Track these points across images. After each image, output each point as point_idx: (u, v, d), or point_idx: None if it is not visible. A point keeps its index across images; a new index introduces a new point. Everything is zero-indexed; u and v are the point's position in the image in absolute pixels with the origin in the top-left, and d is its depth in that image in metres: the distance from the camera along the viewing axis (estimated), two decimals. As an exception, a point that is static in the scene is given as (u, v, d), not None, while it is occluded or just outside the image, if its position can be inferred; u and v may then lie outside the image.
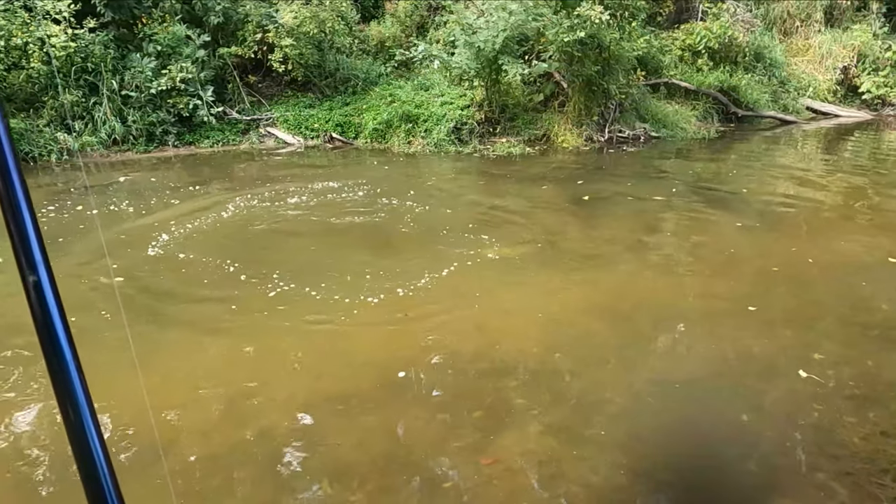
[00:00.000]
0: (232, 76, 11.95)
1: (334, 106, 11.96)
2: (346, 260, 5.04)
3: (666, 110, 11.59)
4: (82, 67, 10.43)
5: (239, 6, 11.77)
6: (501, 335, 3.70)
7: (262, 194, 7.36)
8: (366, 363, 3.40)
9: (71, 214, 6.61)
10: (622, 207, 6.60)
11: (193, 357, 3.52)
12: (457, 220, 6.29)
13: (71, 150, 10.15)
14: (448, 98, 10.90)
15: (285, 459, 2.60)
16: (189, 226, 6.04)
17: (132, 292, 4.40)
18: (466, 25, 9.90)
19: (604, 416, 2.87)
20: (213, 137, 11.29)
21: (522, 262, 4.94)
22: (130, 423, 2.82)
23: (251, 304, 4.11)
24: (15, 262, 0.65)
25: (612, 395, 3.04)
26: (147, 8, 11.09)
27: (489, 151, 9.92)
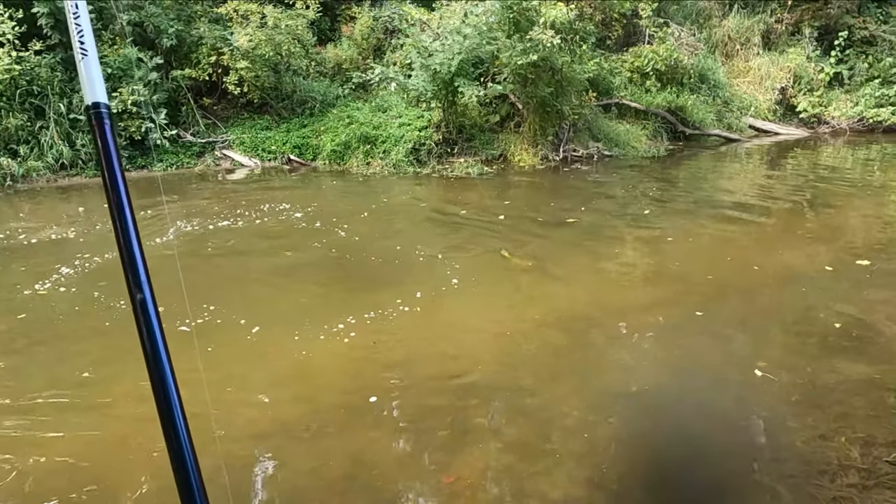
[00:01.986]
0: (186, 99, 11.77)
1: (292, 128, 11.92)
2: (298, 289, 5.01)
3: (618, 129, 11.98)
4: (27, 90, 10.13)
5: (193, 28, 11.68)
6: (461, 353, 3.74)
7: (212, 217, 7.26)
8: (326, 387, 3.38)
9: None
10: (577, 224, 6.77)
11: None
12: (415, 239, 6.34)
13: (15, 175, 9.80)
14: (406, 119, 11.01)
15: (242, 486, 2.56)
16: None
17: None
18: (422, 48, 10.06)
19: (561, 430, 2.93)
20: (166, 160, 11.10)
21: (480, 280, 5.01)
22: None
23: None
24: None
25: (569, 409, 3.11)
26: (97, 30, 10.86)
27: (447, 171, 10.04)
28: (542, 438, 2.87)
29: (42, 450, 2.84)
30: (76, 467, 2.74)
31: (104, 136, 0.96)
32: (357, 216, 7.25)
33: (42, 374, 3.58)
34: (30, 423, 3.07)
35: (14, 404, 3.25)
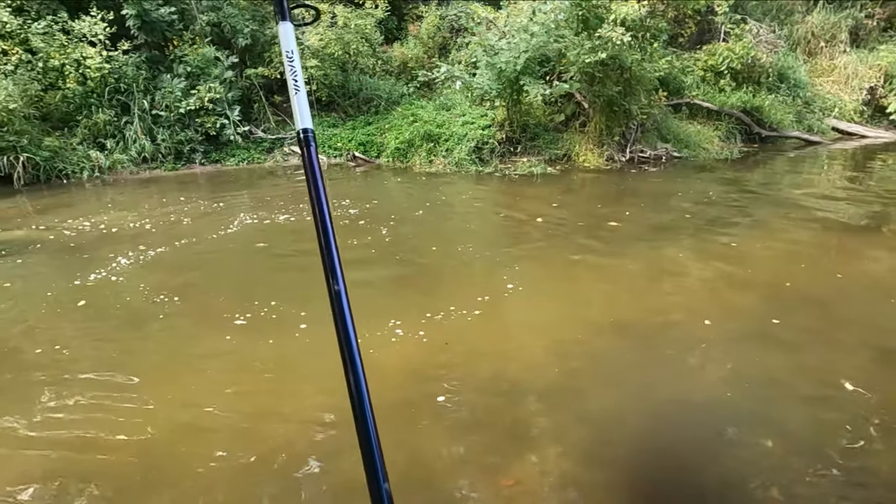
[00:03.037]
0: (258, 96, 12.23)
1: (357, 125, 12.15)
2: (354, 287, 5.09)
3: (688, 130, 11.55)
4: (115, 88, 10.78)
5: (266, 28, 12.10)
6: (521, 356, 3.70)
7: (275, 211, 7.49)
8: (383, 385, 3.42)
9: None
10: (643, 225, 6.57)
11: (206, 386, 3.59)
12: (475, 239, 6.33)
13: (102, 167, 10.45)
14: (469, 118, 11.01)
15: (301, 478, 2.63)
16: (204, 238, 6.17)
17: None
18: (488, 47, 10.03)
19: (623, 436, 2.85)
20: (238, 156, 11.55)
21: (542, 283, 4.94)
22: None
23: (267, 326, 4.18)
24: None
25: (632, 417, 3.02)
26: (178, 30, 11.45)
27: (510, 171, 9.97)
28: (603, 445, 2.79)
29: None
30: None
31: (310, 154, 1.19)
32: (417, 214, 7.31)
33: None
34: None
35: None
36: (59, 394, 3.31)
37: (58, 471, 2.67)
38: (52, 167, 10.03)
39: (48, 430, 2.98)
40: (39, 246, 6.31)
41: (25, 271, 5.57)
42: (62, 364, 3.66)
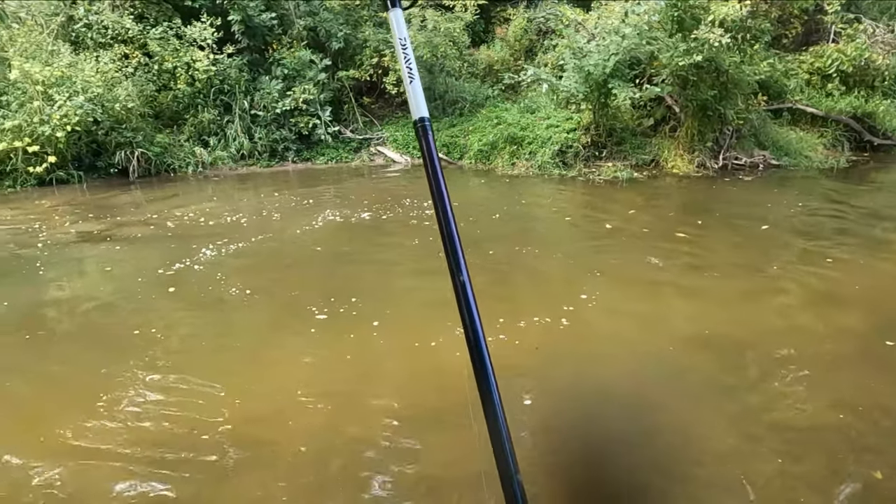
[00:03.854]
0: (348, 97, 12.68)
1: (441, 127, 12.33)
2: (430, 287, 5.16)
3: (789, 137, 10.87)
4: (219, 89, 11.52)
5: (358, 32, 12.53)
6: (602, 364, 3.65)
7: (358, 209, 7.73)
8: (457, 385, 3.47)
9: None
10: (738, 235, 6.27)
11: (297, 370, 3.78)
12: (555, 244, 6.27)
13: (205, 163, 11.21)
14: (554, 121, 10.90)
15: (377, 472, 2.72)
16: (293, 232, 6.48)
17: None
18: (576, 49, 9.89)
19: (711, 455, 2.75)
20: (327, 155, 12.03)
21: (624, 292, 4.83)
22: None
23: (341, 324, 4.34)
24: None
25: (722, 435, 2.90)
26: (278, 35, 12.08)
27: (594, 175, 9.78)
28: (691, 462, 2.71)
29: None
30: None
31: (428, 143, 1.18)
32: (495, 217, 7.32)
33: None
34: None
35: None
36: (154, 374, 3.60)
37: (158, 443, 2.92)
38: (163, 162, 10.87)
39: (146, 406, 3.26)
40: (140, 235, 6.87)
41: (126, 256, 6.08)
42: (155, 346, 3.97)
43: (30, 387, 3.55)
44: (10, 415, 3.25)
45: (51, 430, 3.03)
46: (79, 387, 3.48)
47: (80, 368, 3.73)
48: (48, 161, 9.67)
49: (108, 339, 4.14)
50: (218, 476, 2.67)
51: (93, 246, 6.51)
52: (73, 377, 3.63)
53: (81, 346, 4.10)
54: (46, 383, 3.58)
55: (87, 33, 11.07)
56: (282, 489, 2.59)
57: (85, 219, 7.77)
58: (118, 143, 10.46)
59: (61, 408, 3.27)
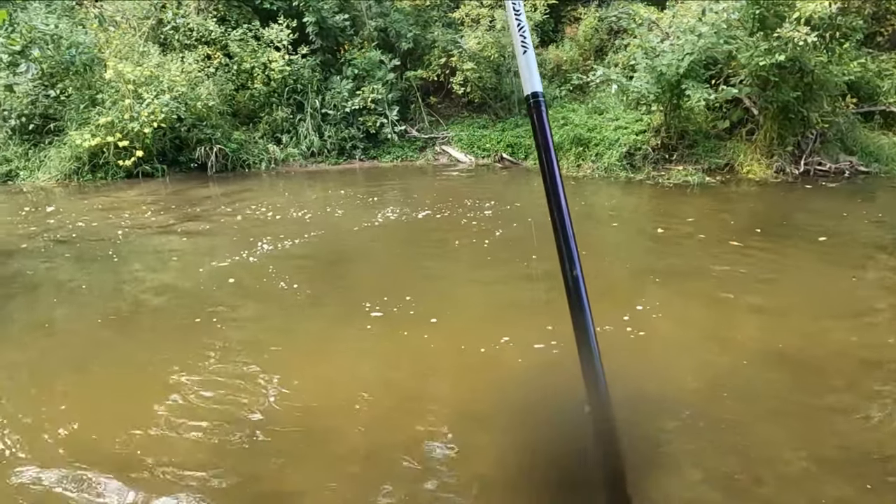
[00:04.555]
0: (415, 97, 12.85)
1: (507, 127, 12.29)
2: (486, 290, 5.15)
3: (881, 142, 10.13)
4: (293, 88, 11.95)
5: (427, 33, 12.67)
6: (664, 374, 3.54)
7: (418, 208, 7.82)
8: (516, 387, 3.47)
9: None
10: (813, 246, 5.92)
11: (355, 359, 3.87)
12: (619, 249, 6.13)
13: (277, 159, 11.66)
14: (623, 122, 10.64)
15: (428, 469, 2.76)
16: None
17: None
18: (649, 49, 9.61)
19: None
20: (393, 153, 12.24)
21: (691, 302, 4.66)
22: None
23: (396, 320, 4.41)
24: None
25: (790, 457, 2.76)
26: (349, 36, 12.40)
27: (663, 179, 9.48)
28: (755, 481, 2.59)
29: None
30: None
31: (541, 119, 1.03)
32: (592, 223, 7.21)
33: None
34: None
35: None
36: (212, 362, 3.78)
37: (216, 426, 3.07)
38: (238, 158, 11.39)
39: (211, 392, 3.43)
40: (209, 227, 7.24)
41: (193, 247, 6.43)
42: (213, 335, 4.16)
43: (101, 369, 3.82)
44: (89, 394, 3.52)
45: (118, 410, 3.26)
46: (143, 371, 3.71)
47: (145, 353, 3.98)
48: (136, 155, 10.34)
49: (169, 325, 4.40)
50: (272, 461, 2.79)
51: (166, 236, 6.94)
52: (138, 362, 3.86)
53: (146, 331, 4.38)
54: (115, 367, 3.84)
55: (175, 35, 11.75)
56: (332, 479, 2.67)
57: (164, 210, 8.28)
58: (199, 139, 11.04)
59: (130, 390, 3.50)
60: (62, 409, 3.26)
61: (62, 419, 3.15)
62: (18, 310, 4.84)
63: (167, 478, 2.68)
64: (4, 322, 4.56)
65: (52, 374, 3.68)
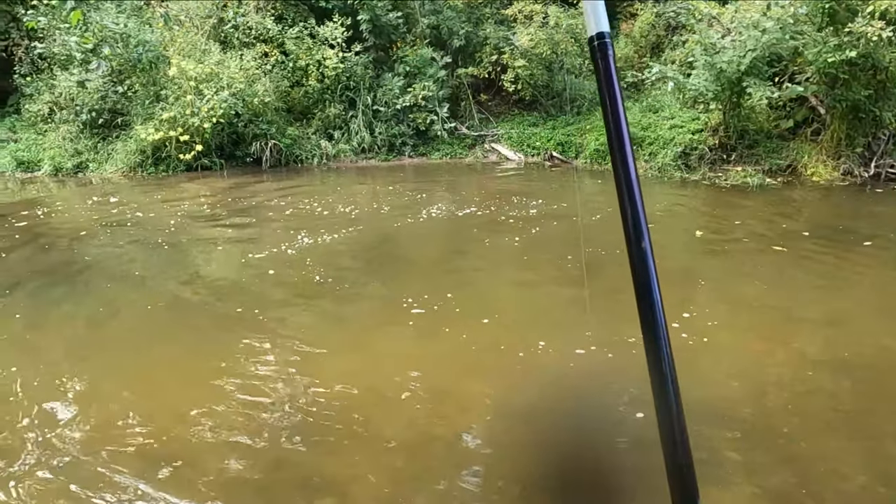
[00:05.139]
0: (466, 94, 12.84)
1: (557, 125, 12.13)
2: (530, 293, 5.08)
3: (961, 144, 9.46)
4: (346, 85, 12.14)
5: (479, 30, 12.63)
6: (721, 382, 3.41)
7: (463, 205, 7.80)
8: (574, 395, 3.41)
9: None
10: (883, 254, 5.58)
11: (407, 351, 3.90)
12: (669, 252, 5.95)
13: (329, 155, 11.88)
14: (678, 121, 10.33)
15: (468, 470, 2.75)
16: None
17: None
18: (709, 45, 9.28)
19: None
20: (442, 150, 12.27)
21: (748, 306, 4.48)
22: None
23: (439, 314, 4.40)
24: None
25: (851, 472, 2.61)
26: (402, 33, 12.49)
27: (720, 180, 9.15)
28: (812, 497, 2.47)
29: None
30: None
31: (608, 66, 0.90)
32: (595, 218, 7.07)
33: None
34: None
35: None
36: (260, 352, 3.88)
37: (263, 417, 3.15)
38: (292, 153, 11.68)
39: (255, 381, 3.52)
40: (258, 220, 7.43)
41: (242, 239, 6.60)
42: (259, 326, 4.27)
43: (149, 353, 3.98)
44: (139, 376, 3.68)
45: (168, 391, 3.39)
46: (188, 357, 3.85)
47: (190, 339, 4.12)
48: (196, 149, 10.74)
49: (213, 314, 4.56)
50: (314, 449, 2.84)
51: (217, 227, 7.20)
52: (181, 348, 4.01)
53: (192, 318, 4.54)
54: (161, 352, 3.99)
55: (234, 34, 12.13)
56: (372, 471, 2.70)
57: (219, 202, 8.57)
58: (255, 134, 11.37)
59: (178, 374, 3.64)
60: (115, 387, 3.41)
61: (115, 396, 3.30)
62: (74, 293, 5.12)
63: (213, 458, 2.77)
64: (60, 304, 4.83)
65: (104, 355, 3.87)
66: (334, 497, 2.55)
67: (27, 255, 6.25)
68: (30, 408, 3.20)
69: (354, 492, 2.57)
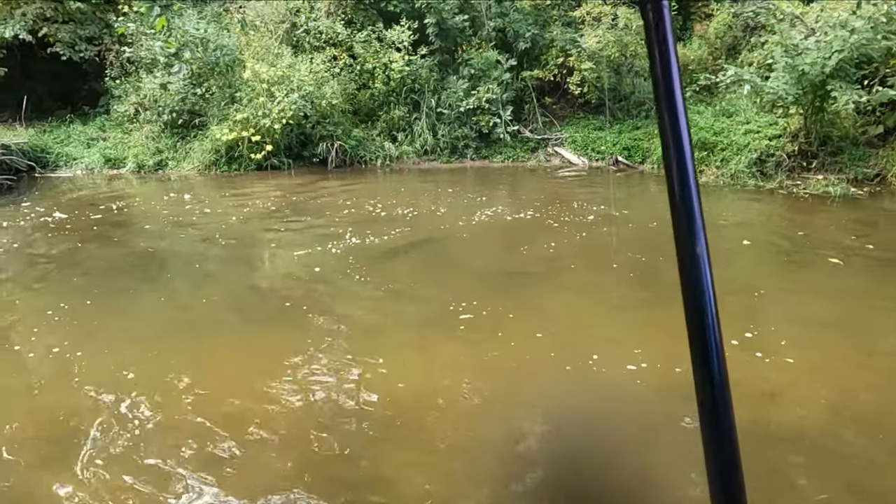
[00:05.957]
0: (530, 97, 12.72)
1: (624, 129, 11.83)
2: (589, 305, 4.94)
3: None
4: (411, 88, 12.28)
5: (546, 32, 12.49)
6: (788, 398, 3.22)
7: (520, 209, 7.69)
8: (639, 405, 3.31)
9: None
10: None
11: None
12: (740, 266, 5.66)
13: (392, 156, 12.05)
14: (754, 126, 9.84)
15: (526, 469, 2.69)
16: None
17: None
18: (790, 46, 8.79)
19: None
20: (505, 153, 12.20)
21: (820, 325, 4.19)
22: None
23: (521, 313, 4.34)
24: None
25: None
26: (468, 36, 12.52)
27: (799, 189, 8.64)
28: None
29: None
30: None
31: (662, 28, 0.71)
32: (653, 226, 6.81)
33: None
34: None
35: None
36: (315, 348, 3.95)
37: (320, 415, 3.21)
38: (356, 154, 11.93)
39: (308, 378, 3.59)
40: (316, 218, 7.61)
41: (302, 237, 6.78)
42: (314, 322, 4.35)
43: (207, 344, 4.13)
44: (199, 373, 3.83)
45: (229, 381, 3.51)
46: (242, 348, 3.97)
47: (246, 332, 4.27)
48: (266, 149, 11.15)
49: (267, 307, 4.70)
50: (369, 447, 2.87)
51: (280, 223, 7.50)
52: (238, 340, 4.14)
53: (246, 311, 4.71)
54: (219, 344, 4.14)
55: (306, 38, 12.51)
56: (424, 471, 2.70)
57: (284, 200, 8.88)
58: (321, 135, 11.69)
59: (237, 365, 3.76)
60: (173, 376, 3.57)
61: (173, 384, 3.46)
62: (139, 283, 5.43)
63: (266, 451, 2.85)
64: (125, 292, 5.14)
65: (164, 343, 4.06)
66: (383, 496, 2.57)
67: (100, 245, 6.67)
68: (94, 391, 3.40)
69: (403, 491, 2.58)
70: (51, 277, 5.66)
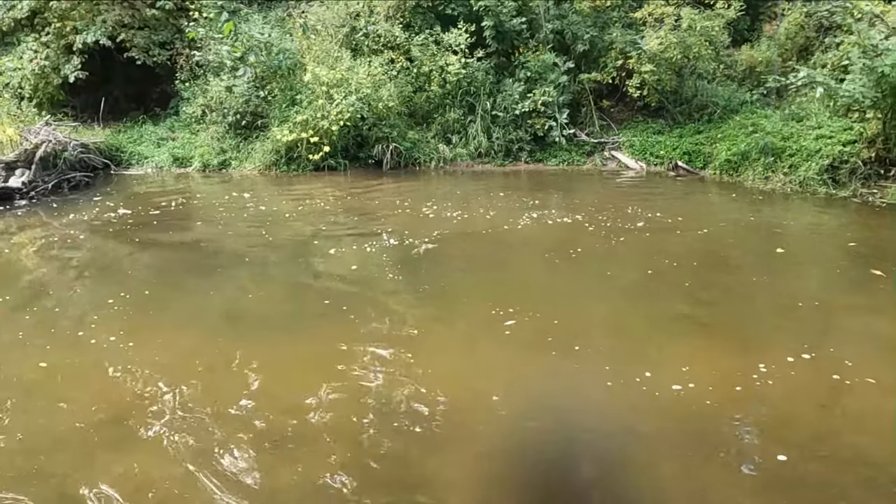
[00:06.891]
0: (587, 100, 12.52)
1: (685, 133, 11.47)
2: (650, 316, 4.79)
3: None
4: (466, 90, 12.29)
5: (605, 34, 12.26)
6: (842, 417, 3.04)
7: (570, 212, 7.57)
8: (668, 419, 3.20)
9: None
10: None
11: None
12: (804, 277, 5.38)
13: (446, 159, 12.10)
14: (826, 131, 9.33)
15: (571, 477, 2.65)
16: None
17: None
18: (869, 47, 8.30)
19: None
20: (559, 157, 12.05)
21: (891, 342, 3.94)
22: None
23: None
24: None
25: None
26: (525, 39, 12.44)
27: (875, 198, 8.14)
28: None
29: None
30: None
31: None
32: (707, 232, 6.55)
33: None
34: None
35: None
36: (364, 347, 3.99)
37: (367, 415, 3.25)
38: (411, 156, 12.04)
39: (357, 378, 3.63)
40: (370, 218, 7.73)
41: (354, 239, 6.86)
42: (363, 321, 4.40)
43: (250, 340, 4.25)
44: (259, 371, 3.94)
45: (277, 382, 3.60)
46: (297, 350, 4.06)
47: (292, 329, 4.36)
48: (324, 150, 11.41)
49: (313, 306, 4.78)
50: (411, 448, 2.90)
51: (335, 223, 7.68)
52: (283, 339, 4.24)
53: (289, 307, 4.83)
54: (261, 343, 4.25)
55: (365, 41, 12.74)
56: (466, 474, 2.71)
57: (339, 201, 9.09)
58: (377, 137, 11.87)
59: (291, 365, 3.86)
60: (233, 368, 3.69)
61: (233, 378, 3.58)
62: (198, 278, 5.66)
63: (316, 445, 2.91)
64: (183, 286, 5.41)
65: (222, 337, 4.20)
66: (427, 496, 2.58)
67: (161, 240, 6.98)
68: (154, 382, 3.55)
69: (446, 493, 2.59)
70: (112, 268, 5.99)
